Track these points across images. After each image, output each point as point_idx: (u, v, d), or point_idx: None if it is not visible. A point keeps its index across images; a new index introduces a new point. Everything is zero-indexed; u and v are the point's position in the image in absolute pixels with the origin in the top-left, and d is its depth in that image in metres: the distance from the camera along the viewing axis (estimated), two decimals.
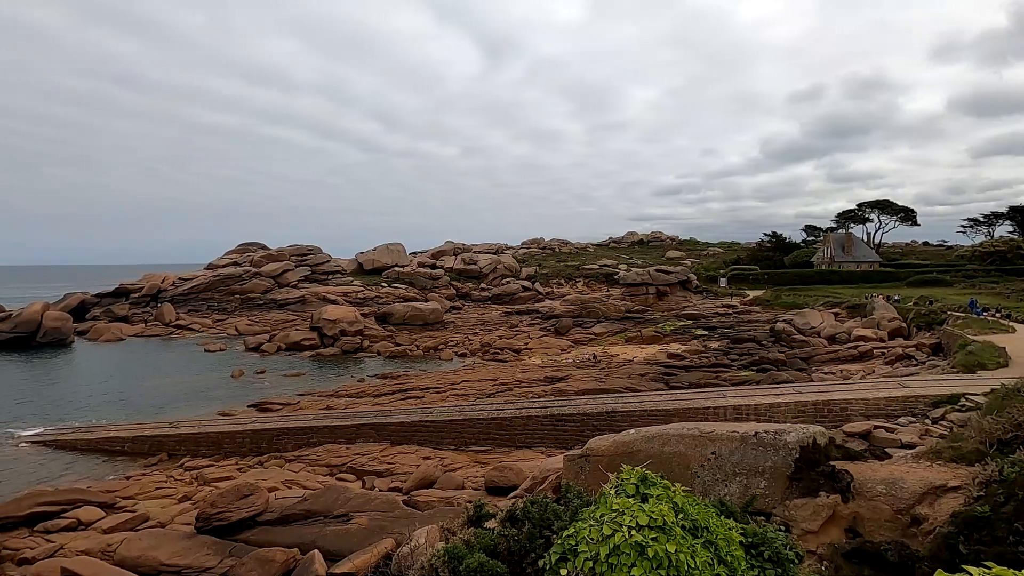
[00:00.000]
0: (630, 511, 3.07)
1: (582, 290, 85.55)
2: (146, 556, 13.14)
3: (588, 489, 7.76)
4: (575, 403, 23.85)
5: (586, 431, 21.50)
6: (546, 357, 43.63)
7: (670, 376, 32.60)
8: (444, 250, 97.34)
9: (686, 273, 77.86)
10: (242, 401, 32.37)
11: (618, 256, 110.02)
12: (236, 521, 14.17)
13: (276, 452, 22.68)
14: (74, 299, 65.13)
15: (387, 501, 15.19)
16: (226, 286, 69.69)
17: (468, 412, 23.84)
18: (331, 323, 51.66)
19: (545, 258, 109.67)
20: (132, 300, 67.42)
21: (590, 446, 10.86)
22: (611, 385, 29.93)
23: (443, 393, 30.75)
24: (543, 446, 22.00)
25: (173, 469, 21.88)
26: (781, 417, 19.41)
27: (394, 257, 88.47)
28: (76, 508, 16.92)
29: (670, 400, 22.80)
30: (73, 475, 21.66)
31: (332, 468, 20.61)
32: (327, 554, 12.44)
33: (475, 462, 21.11)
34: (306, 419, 25.05)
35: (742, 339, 43.84)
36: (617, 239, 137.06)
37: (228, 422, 26.23)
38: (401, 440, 22.72)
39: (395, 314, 59.02)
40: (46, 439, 25.66)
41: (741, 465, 8.88)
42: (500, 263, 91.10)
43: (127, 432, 25.24)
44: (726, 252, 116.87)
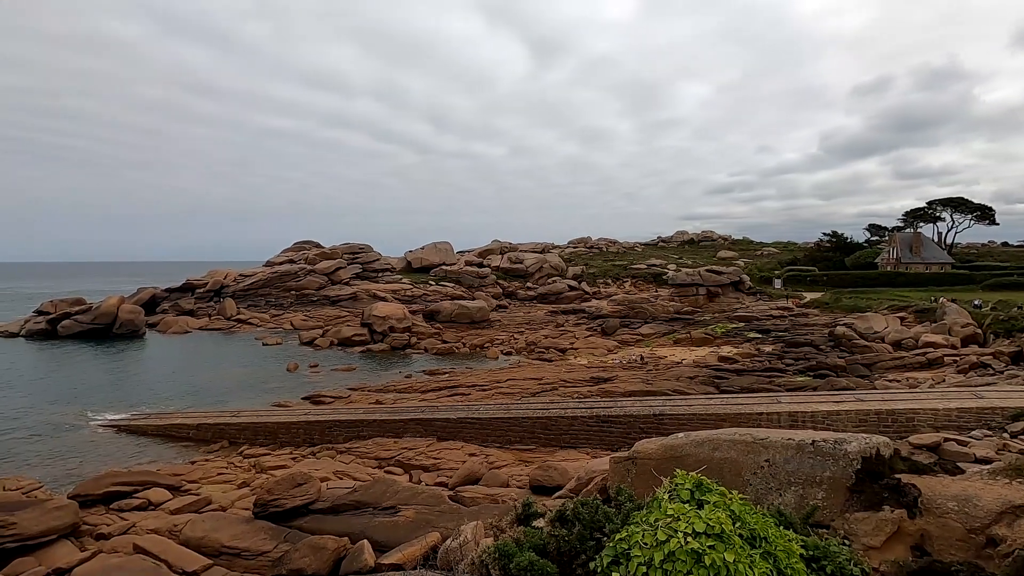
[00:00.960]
0: (686, 517, 2.99)
1: (629, 290, 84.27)
2: (209, 537, 13.86)
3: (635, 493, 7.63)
4: (621, 405, 23.53)
5: (632, 433, 21.20)
6: (592, 357, 43.23)
7: (721, 380, 31.68)
8: (491, 249, 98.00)
9: (738, 274, 75.39)
10: (296, 393, 33.68)
11: (667, 256, 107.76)
12: (291, 508, 14.75)
13: (328, 443, 23.47)
14: (146, 293, 69.45)
15: (433, 495, 15.45)
16: (282, 282, 72.59)
17: (513, 410, 23.93)
18: (381, 320, 52.96)
19: (592, 257, 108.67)
20: (197, 295, 71.22)
21: (637, 449, 10.69)
22: (659, 387, 29.37)
23: (489, 391, 30.99)
24: (588, 447, 21.83)
25: (233, 456, 23.01)
26: (840, 426, 18.53)
27: (442, 256, 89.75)
28: (146, 489, 18.06)
29: (721, 404, 22.16)
30: (144, 458, 23.12)
31: (381, 461, 21.14)
32: (375, 544, 12.78)
33: (520, 460, 21.18)
34: (356, 412, 25.78)
35: (798, 343, 42.09)
36: (666, 238, 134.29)
37: (284, 413, 27.34)
38: (447, 436, 23.05)
39: (442, 312, 59.88)
40: (120, 424, 27.49)
41: (797, 474, 8.53)
42: (546, 262, 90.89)
43: (192, 420, 26.71)
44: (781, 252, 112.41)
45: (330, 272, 75.12)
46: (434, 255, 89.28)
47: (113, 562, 13.00)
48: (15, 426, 27.21)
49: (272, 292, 71.59)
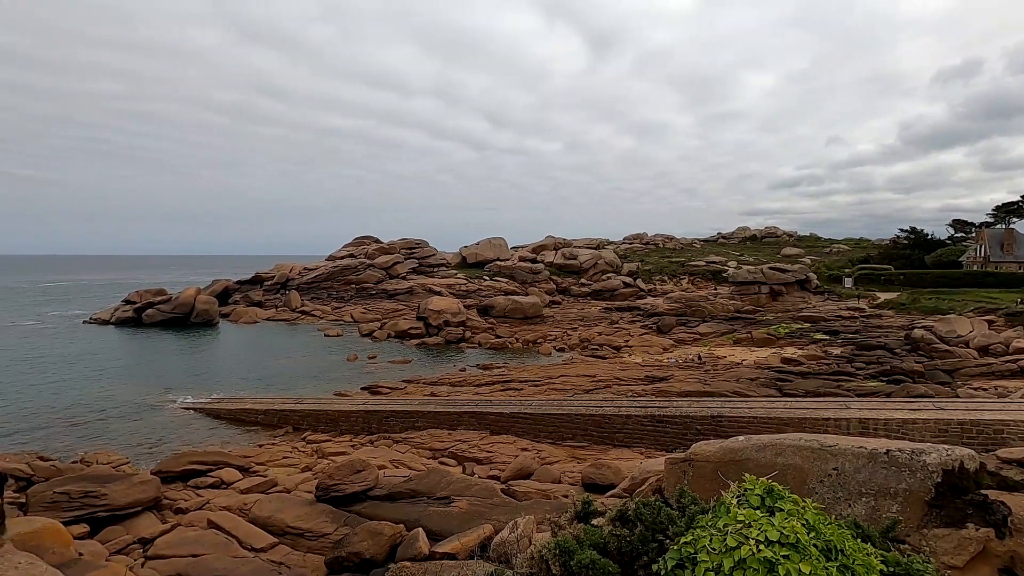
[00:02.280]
0: (757, 524, 2.88)
1: (687, 288, 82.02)
2: (275, 517, 14.62)
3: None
4: (677, 405, 22.98)
5: (689, 435, 20.68)
6: (647, 356, 42.42)
7: (784, 382, 30.34)
8: (545, 245, 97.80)
9: (804, 272, 71.84)
10: (356, 383, 34.90)
11: (727, 253, 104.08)
12: (350, 493, 15.32)
13: (385, 433, 24.21)
14: (219, 285, 73.81)
15: (486, 488, 15.64)
16: (343, 276, 75.29)
17: (566, 407, 23.85)
18: (436, 313, 53.99)
19: (648, 254, 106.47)
20: (265, 287, 75.01)
21: (694, 451, 10.42)
22: (717, 388, 28.47)
23: (541, 387, 31.01)
24: (642, 446, 21.47)
25: (297, 441, 24.14)
26: (917, 435, 17.36)
27: (496, 251, 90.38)
28: (219, 469, 19.23)
29: (784, 408, 21.23)
30: (216, 439, 24.64)
31: (435, 452, 21.59)
32: (429, 533, 13.09)
33: (572, 457, 21.10)
34: (412, 404, 26.44)
35: (870, 346, 39.68)
36: (727, 235, 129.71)
37: (344, 402, 28.40)
38: (500, 430, 23.25)
39: (496, 307, 60.35)
40: (196, 407, 29.40)
41: (868, 485, 8.07)
42: (601, 258, 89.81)
43: (260, 405, 28.20)
44: (852, 249, 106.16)
45: (388, 267, 77.24)
46: (488, 250, 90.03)
47: (190, 535, 13.95)
48: (106, 406, 29.64)
49: (334, 285, 74.38)
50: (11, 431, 25.26)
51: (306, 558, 13.29)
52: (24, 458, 19.43)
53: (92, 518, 14.67)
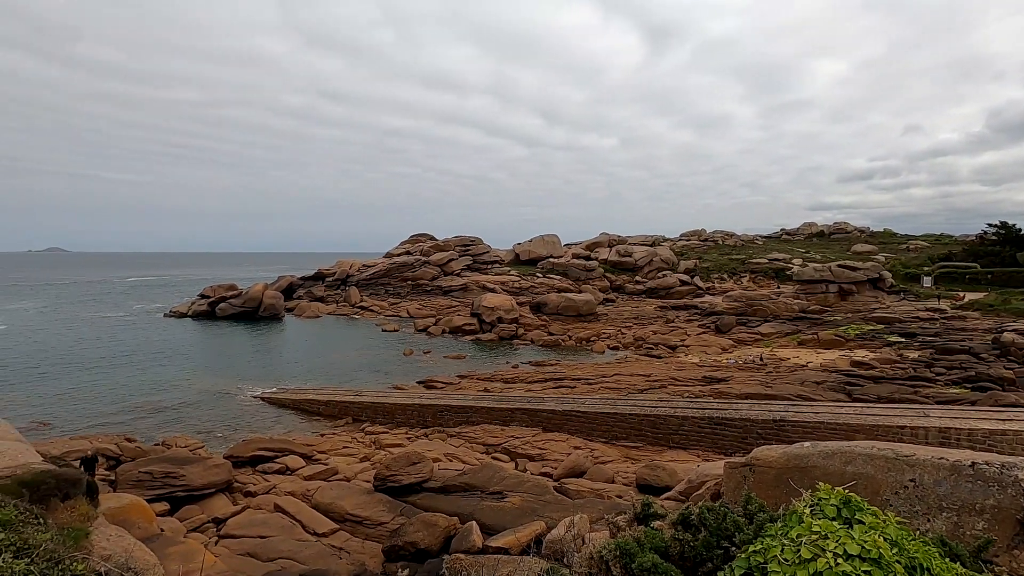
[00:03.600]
0: (835, 536, 2.71)
1: (748, 286, 78.97)
2: (336, 504, 15.20)
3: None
4: (737, 407, 22.20)
5: (749, 438, 19.95)
6: (705, 356, 41.19)
7: (853, 387, 28.69)
8: (599, 242, 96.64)
9: (877, 270, 67.58)
10: (411, 377, 35.76)
11: (792, 250, 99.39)
12: (406, 484, 15.72)
13: (439, 427, 24.68)
14: (284, 281, 77.40)
15: (539, 485, 15.66)
16: (400, 273, 77.22)
17: (620, 406, 23.53)
18: (489, 310, 54.47)
19: (706, 251, 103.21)
20: (327, 283, 78.01)
21: (755, 455, 10.04)
22: (779, 391, 27.28)
23: (595, 385, 30.71)
24: (699, 449, 20.89)
25: (356, 432, 25.01)
26: (1007, 447, 16.03)
27: (549, 248, 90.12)
28: (284, 456, 20.20)
29: (854, 414, 20.10)
30: (281, 428, 25.88)
31: (488, 447, 21.82)
32: (482, 526, 13.24)
33: (626, 457, 20.81)
34: (466, 399, 26.81)
35: (952, 350, 36.87)
36: (791, 231, 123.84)
37: (400, 395, 29.16)
38: (552, 427, 23.22)
39: (549, 304, 60.22)
40: (263, 396, 30.98)
41: (950, 499, 7.52)
42: (656, 255, 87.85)
43: (322, 396, 29.38)
44: (932, 246, 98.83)
45: (443, 263, 78.56)
46: (541, 248, 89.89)
47: (258, 517, 14.73)
48: (184, 393, 31.75)
49: (391, 281, 76.41)
50: (102, 414, 27.50)
51: (364, 545, 13.76)
52: (113, 439, 21.11)
53: (172, 497, 15.76)
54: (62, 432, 23.90)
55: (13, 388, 32.28)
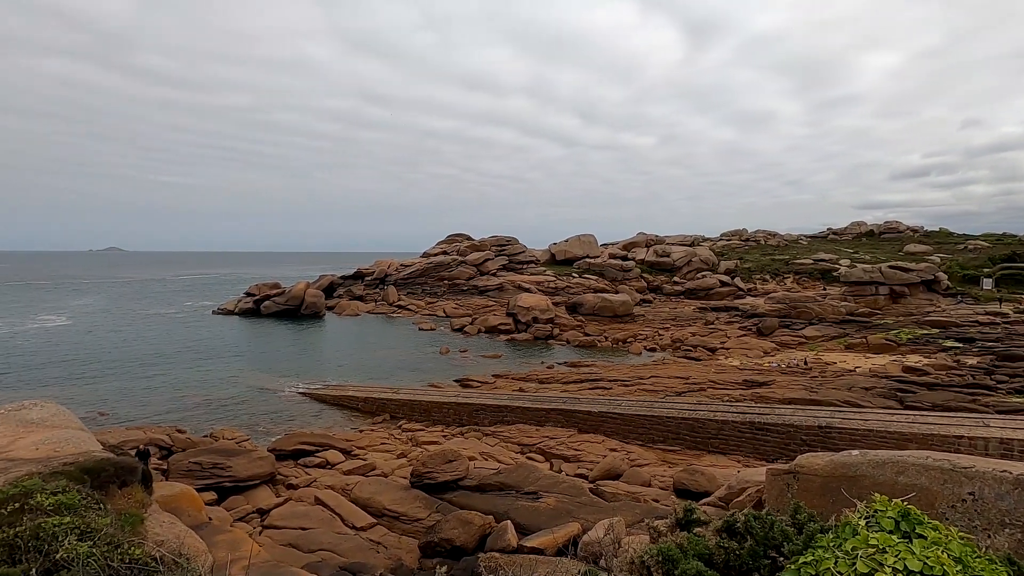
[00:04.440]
0: (894, 551, 2.57)
1: (791, 287, 76.50)
2: (373, 499, 15.49)
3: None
4: (779, 412, 21.54)
5: (792, 445, 19.33)
6: (745, 359, 40.12)
7: (905, 394, 27.43)
8: (636, 242, 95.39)
9: (932, 271, 64.39)
10: (447, 376, 36.11)
11: (839, 250, 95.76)
12: (442, 482, 15.89)
13: (475, 425, 24.84)
14: (325, 280, 79.38)
15: (574, 486, 15.57)
16: (437, 272, 78.10)
17: (657, 409, 23.16)
18: (525, 310, 54.50)
19: (748, 251, 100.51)
20: (366, 282, 79.61)
21: (800, 463, 9.72)
22: (825, 397, 26.31)
23: (631, 387, 30.33)
24: (739, 454, 20.37)
25: (393, 428, 25.42)
26: None
27: (585, 248, 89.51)
28: (325, 450, 20.71)
29: (906, 422, 19.21)
30: (322, 423, 26.55)
31: (523, 447, 21.82)
32: (517, 526, 13.25)
33: (663, 461, 20.47)
34: (501, 398, 26.89)
35: (1015, 356, 34.78)
36: (839, 230, 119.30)
37: (437, 393, 29.49)
38: (588, 429, 23.04)
39: (585, 304, 59.82)
40: (304, 391, 31.84)
41: (1014, 515, 7.11)
42: (695, 256, 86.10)
43: (361, 393, 29.99)
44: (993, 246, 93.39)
45: (479, 263, 79.04)
46: (578, 247, 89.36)
47: (300, 509, 15.15)
48: (230, 387, 32.97)
49: (428, 281, 77.37)
50: (155, 406, 28.83)
51: (401, 540, 13.97)
52: (165, 430, 22.11)
53: (219, 487, 16.37)
54: (119, 422, 25.17)
55: (75, 380, 34.20)
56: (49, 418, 8.76)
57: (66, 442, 7.82)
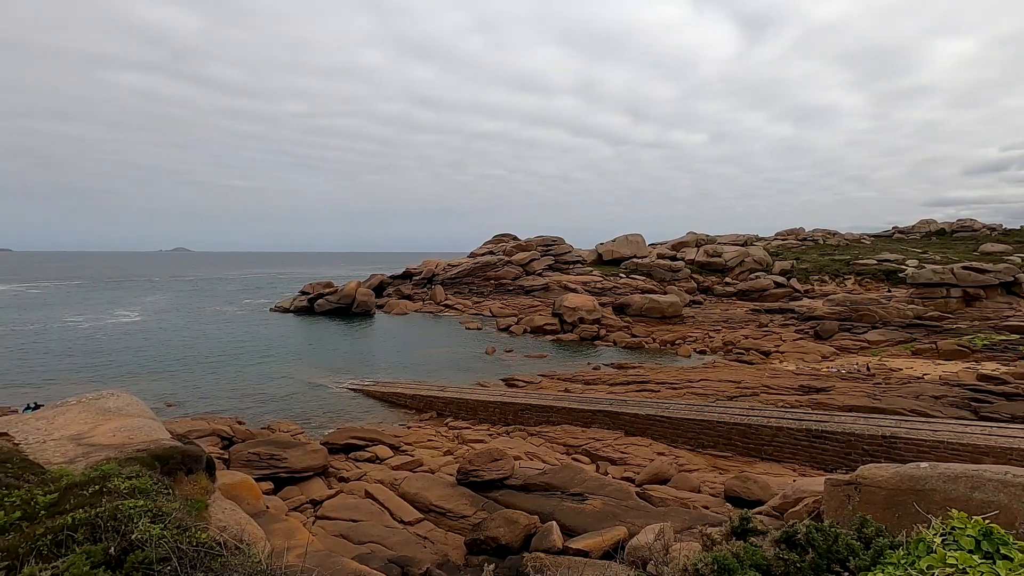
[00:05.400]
0: (975, 571, 2.39)
1: (852, 289, 72.84)
2: (421, 495, 15.76)
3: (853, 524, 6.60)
4: (839, 420, 20.55)
5: (853, 455, 18.43)
6: (802, 363, 38.48)
7: (981, 404, 25.59)
8: (685, 241, 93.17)
9: (1012, 272, 59.86)
10: (493, 375, 36.34)
11: (905, 250, 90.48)
12: (487, 480, 15.99)
13: (520, 425, 24.89)
14: (375, 279, 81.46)
15: (620, 489, 15.35)
16: (483, 272, 78.77)
17: (707, 413, 22.54)
18: (571, 310, 54.18)
19: (804, 251, 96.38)
20: (414, 281, 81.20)
21: (862, 474, 9.24)
22: (889, 405, 24.90)
23: (680, 390, 29.64)
24: (795, 463, 19.56)
25: (440, 426, 25.81)
26: None
27: (633, 248, 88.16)
28: (374, 445, 21.24)
29: (981, 434, 17.95)
30: (372, 418, 27.25)
31: (568, 448, 21.70)
32: (562, 527, 13.18)
33: (713, 467, 19.91)
34: (546, 398, 26.83)
35: None
36: (905, 229, 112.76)
37: (483, 392, 29.72)
38: (635, 432, 22.68)
39: (632, 305, 58.91)
40: (355, 387, 32.77)
41: None
42: (748, 255, 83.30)
43: (408, 390, 30.60)
44: None
45: (525, 263, 79.18)
46: (625, 247, 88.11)
47: (351, 502, 15.60)
48: (286, 382, 34.33)
49: (474, 281, 78.13)
50: (217, 398, 30.37)
51: (447, 536, 14.16)
52: (227, 421, 23.23)
53: (275, 477, 17.06)
54: (184, 412, 26.65)
55: (146, 372, 36.46)
56: (124, 407, 9.37)
57: (139, 430, 8.34)
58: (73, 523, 3.26)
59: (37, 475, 5.43)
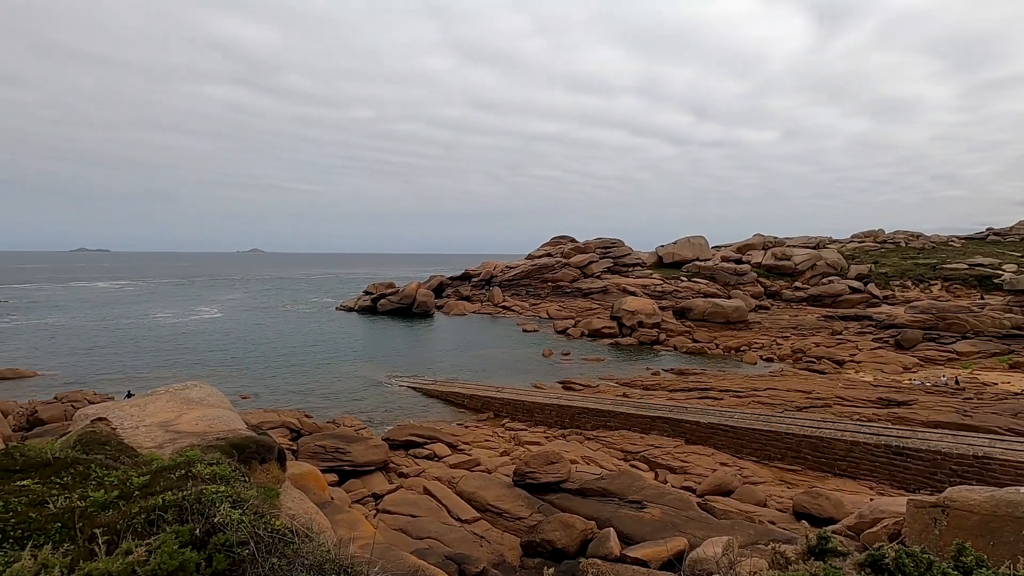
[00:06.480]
0: None
1: (939, 295, 67.49)
2: (477, 494, 15.93)
3: (941, 551, 6.12)
4: (923, 437, 19.09)
5: (939, 475, 17.10)
6: (880, 374, 36.04)
7: None
8: (752, 244, 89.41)
9: None
10: (549, 377, 36.25)
11: (1002, 253, 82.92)
12: (543, 483, 15.96)
13: (577, 428, 24.67)
14: (435, 280, 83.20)
15: (680, 499, 14.92)
16: (540, 274, 78.73)
17: (775, 424, 21.53)
18: (630, 314, 53.23)
19: (884, 254, 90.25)
20: (473, 283, 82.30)
21: (951, 496, 8.57)
22: (982, 422, 22.87)
23: (744, 398, 28.48)
24: (871, 480, 18.35)
25: (497, 427, 26.00)
26: None
27: (695, 251, 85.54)
28: (433, 443, 21.68)
29: None
30: (430, 416, 27.82)
31: (626, 454, 21.31)
32: (620, 535, 12.96)
33: (780, 480, 18.99)
34: (604, 403, 26.48)
35: None
36: (1001, 231, 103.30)
37: (539, 394, 29.71)
38: (696, 440, 21.99)
39: (694, 309, 57.18)
40: (414, 385, 33.57)
41: None
42: (821, 259, 78.91)
43: (466, 390, 31.03)
44: None
45: (583, 266, 78.49)
46: (687, 250, 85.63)
47: (410, 497, 15.99)
48: (350, 378, 35.66)
49: (531, 283, 78.24)
50: (286, 392, 31.96)
51: (503, 536, 14.23)
52: (296, 414, 24.40)
53: (339, 470, 17.74)
54: (257, 404, 28.20)
55: (224, 364, 38.90)
56: (206, 398, 10.03)
57: (219, 420, 8.90)
58: (163, 504, 3.52)
59: (131, 458, 5.91)
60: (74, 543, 3.33)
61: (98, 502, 3.80)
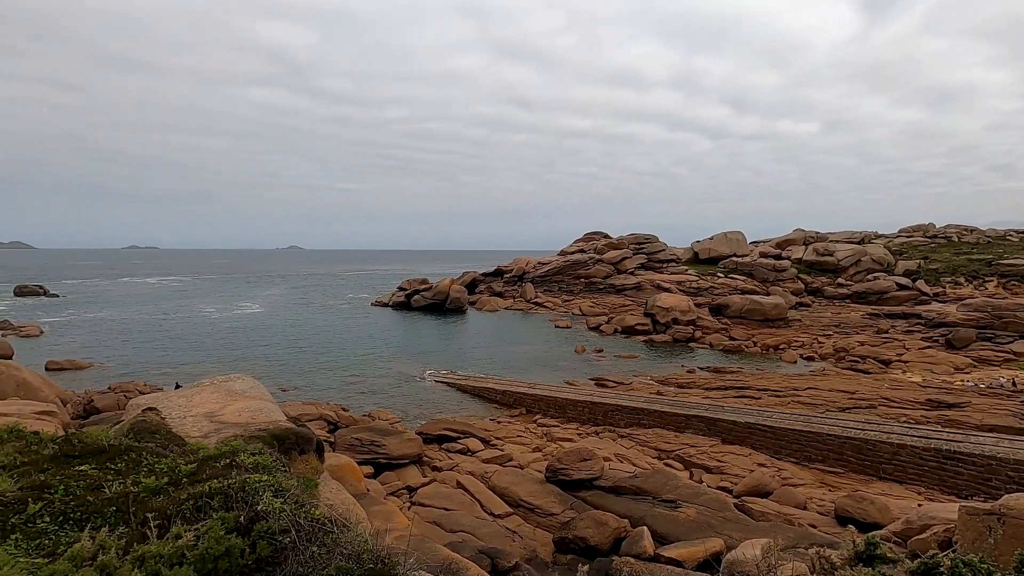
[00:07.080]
0: None
1: (995, 292, 64.14)
2: (510, 489, 16.01)
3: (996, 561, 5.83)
4: (977, 440, 18.22)
5: (993, 481, 16.31)
6: (930, 375, 34.53)
7: None
8: (792, 239, 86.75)
9: None
10: (582, 374, 36.06)
11: None
12: (576, 480, 15.92)
13: (609, 426, 24.49)
14: (468, 276, 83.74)
15: (716, 499, 14.66)
16: (573, 270, 78.31)
17: (815, 424, 20.89)
18: (664, 311, 52.44)
19: (934, 249, 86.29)
20: (505, 279, 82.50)
21: (1008, 504, 8.17)
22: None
23: (784, 398, 27.72)
24: (919, 485, 17.62)
25: (529, 422, 26.04)
26: None
27: (732, 246, 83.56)
28: (466, 438, 21.87)
29: None
30: (463, 411, 28.05)
31: (660, 452, 21.04)
32: (654, 534, 12.82)
33: (821, 483, 18.43)
34: (638, 400, 26.18)
35: None
36: None
37: (572, 391, 29.59)
38: (733, 440, 21.54)
39: (731, 306, 55.92)
40: (447, 380, 33.90)
41: None
42: (866, 254, 76.01)
43: (499, 386, 31.16)
44: None
45: (616, 262, 77.70)
46: (723, 245, 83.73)
47: (443, 491, 16.19)
48: (385, 373, 36.28)
49: (564, 279, 77.91)
50: (324, 386, 32.74)
51: (536, 532, 14.27)
52: (333, 407, 24.98)
53: (375, 462, 18.10)
54: (296, 397, 28.98)
55: (265, 358, 40.13)
56: (248, 390, 10.38)
57: (260, 411, 9.19)
58: (210, 491, 3.67)
59: (179, 446, 6.16)
60: (128, 526, 3.51)
61: (149, 488, 3.99)
